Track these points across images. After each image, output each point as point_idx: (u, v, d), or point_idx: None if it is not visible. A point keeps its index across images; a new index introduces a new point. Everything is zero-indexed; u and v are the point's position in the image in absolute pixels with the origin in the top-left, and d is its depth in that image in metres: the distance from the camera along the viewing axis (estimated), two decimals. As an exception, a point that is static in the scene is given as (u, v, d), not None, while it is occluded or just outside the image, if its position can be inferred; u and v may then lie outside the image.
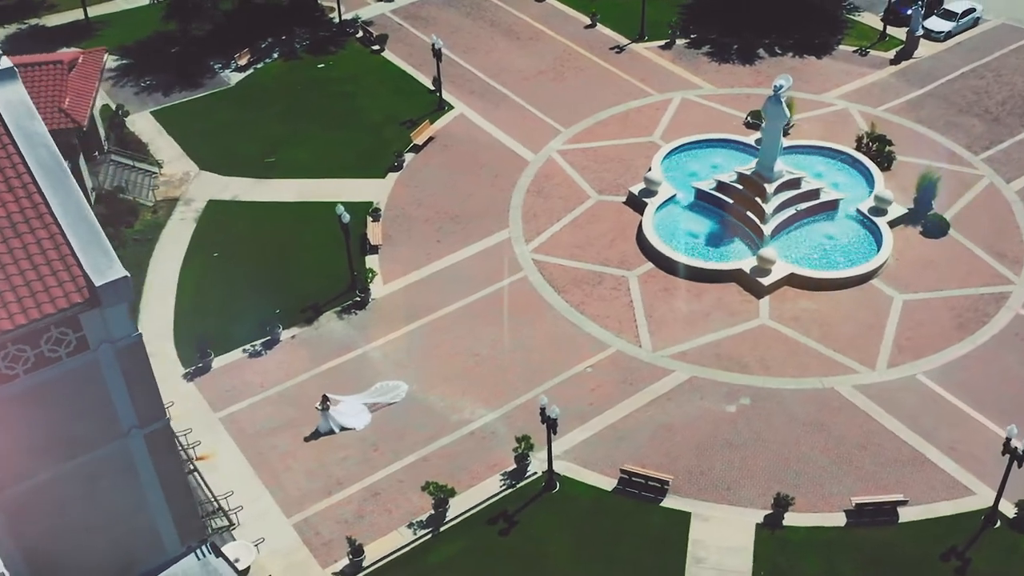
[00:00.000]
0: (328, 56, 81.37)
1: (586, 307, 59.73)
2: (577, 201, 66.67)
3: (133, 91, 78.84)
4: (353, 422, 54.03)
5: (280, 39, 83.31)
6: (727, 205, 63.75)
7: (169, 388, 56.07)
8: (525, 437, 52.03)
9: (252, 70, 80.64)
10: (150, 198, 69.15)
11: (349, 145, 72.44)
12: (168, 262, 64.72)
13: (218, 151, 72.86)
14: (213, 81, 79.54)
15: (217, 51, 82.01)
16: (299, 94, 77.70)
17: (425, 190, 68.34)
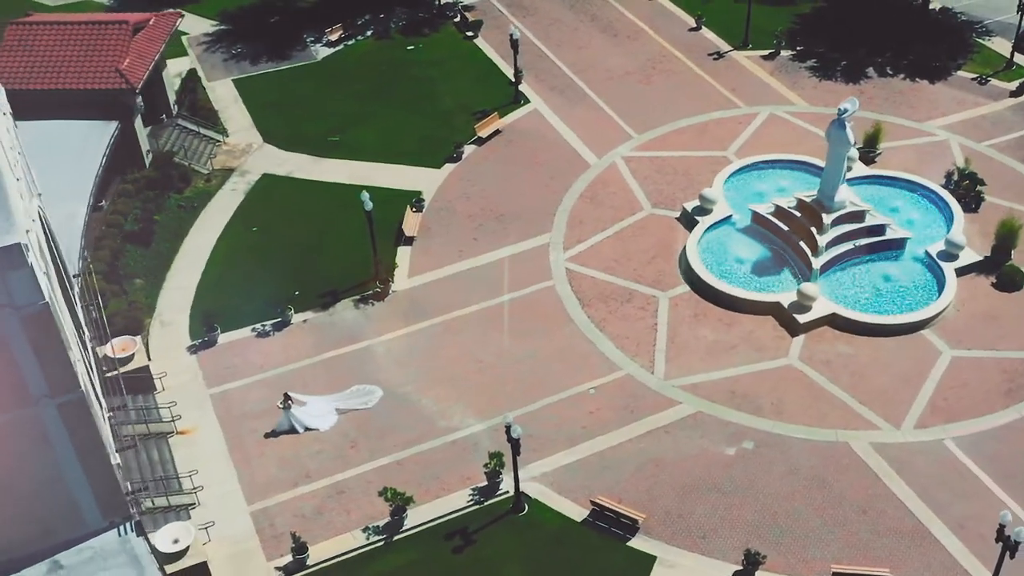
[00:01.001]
0: (420, 38, 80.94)
1: (607, 324, 57.51)
2: (628, 212, 64.31)
3: (223, 57, 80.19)
4: (318, 423, 53.40)
5: (378, 17, 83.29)
6: (781, 232, 60.32)
7: (171, 359, 56.96)
8: (498, 454, 50.43)
9: (342, 46, 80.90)
10: (207, 166, 70.07)
11: (415, 131, 71.83)
12: (207, 232, 65.48)
13: (286, 125, 73.40)
14: (301, 54, 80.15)
15: (313, 24, 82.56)
16: (381, 75, 77.54)
17: (476, 185, 67.15)
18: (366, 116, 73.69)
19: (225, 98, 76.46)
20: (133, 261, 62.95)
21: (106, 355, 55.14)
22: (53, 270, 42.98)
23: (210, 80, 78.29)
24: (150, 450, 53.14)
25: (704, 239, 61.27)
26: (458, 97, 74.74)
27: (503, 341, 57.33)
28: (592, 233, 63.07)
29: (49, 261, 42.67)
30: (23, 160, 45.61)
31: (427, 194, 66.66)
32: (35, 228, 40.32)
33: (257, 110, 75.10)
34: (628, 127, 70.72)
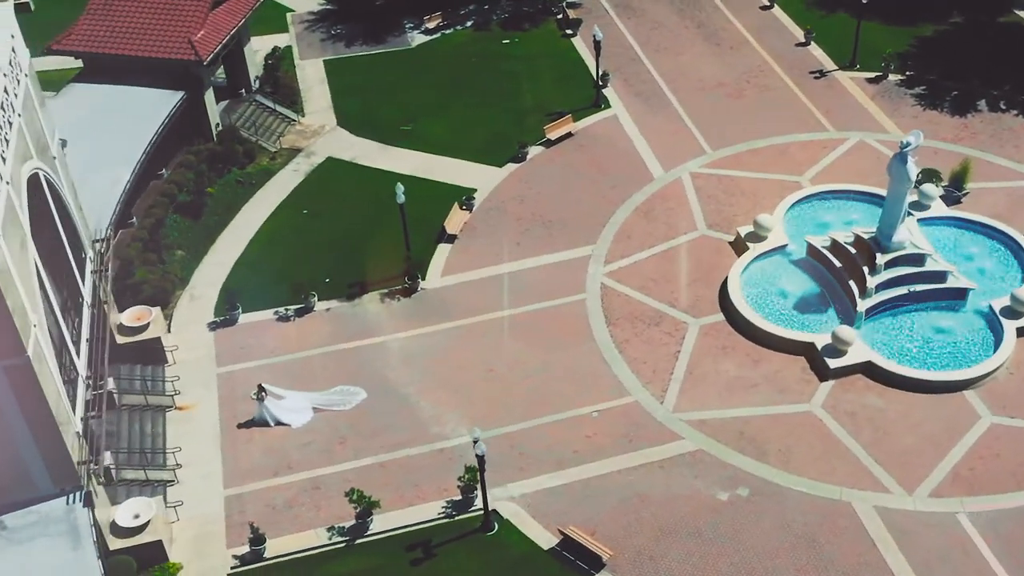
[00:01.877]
0: (518, 33, 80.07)
1: (628, 346, 55.67)
2: (681, 231, 62.11)
3: (321, 37, 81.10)
4: (290, 418, 53.26)
5: (483, 7, 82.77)
6: (834, 268, 57.21)
7: (189, 333, 57.91)
8: (472, 469, 49.31)
9: (439, 34, 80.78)
10: (276, 144, 70.89)
11: (487, 127, 71.15)
12: (259, 209, 66.31)
13: (362, 110, 73.76)
14: (396, 40, 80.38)
15: (415, 10, 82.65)
16: (468, 66, 77.11)
17: (534, 188, 66.02)
18: (443, 107, 73.33)
19: (312, 78, 77.26)
20: (179, 232, 64.12)
21: (120, 323, 56.30)
22: (28, 232, 43.76)
23: (303, 59, 79.24)
24: (144, 422, 54.02)
25: (751, 268, 58.64)
26: (539, 96, 73.63)
27: (519, 351, 56.10)
28: (638, 249, 61.14)
29: (24, 224, 43.47)
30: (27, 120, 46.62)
31: (482, 193, 65.88)
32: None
33: (339, 92, 75.66)
34: (704, 142, 68.29)
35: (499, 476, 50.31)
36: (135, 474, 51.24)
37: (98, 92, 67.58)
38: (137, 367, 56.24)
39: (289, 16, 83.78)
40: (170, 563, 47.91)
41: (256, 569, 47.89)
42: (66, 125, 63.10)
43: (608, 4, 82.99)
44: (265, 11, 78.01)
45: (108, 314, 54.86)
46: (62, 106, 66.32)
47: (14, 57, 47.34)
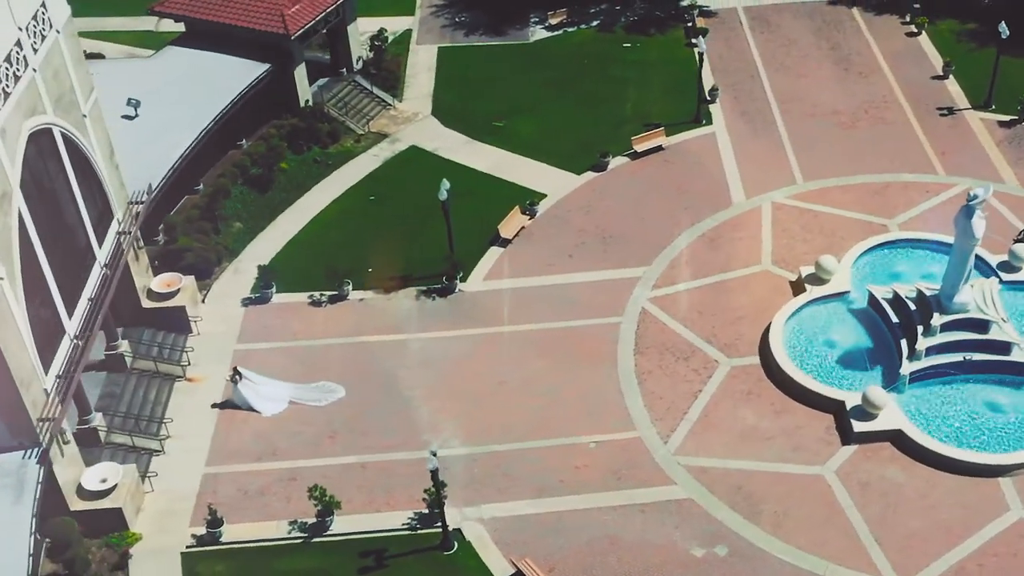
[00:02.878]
0: (642, 37, 78.12)
1: (648, 378, 53.54)
2: (742, 263, 59.28)
3: (443, 23, 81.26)
4: (262, 406, 53.34)
5: (613, 8, 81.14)
6: (890, 323, 53.49)
7: (222, 306, 59.12)
8: (442, 482, 48.25)
9: (561, 31, 79.69)
10: (364, 127, 71.29)
11: (578, 132, 69.76)
12: (328, 191, 66.93)
13: (460, 101, 73.50)
14: (517, 33, 79.72)
15: (543, 5, 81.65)
16: (580, 67, 75.78)
17: (604, 200, 64.31)
18: (540, 106, 72.29)
19: (421, 64, 77.41)
20: (242, 204, 65.26)
21: (150, 288, 57.65)
22: (14, 185, 45.00)
23: (418, 43, 79.53)
24: (149, 388, 55.16)
25: (804, 312, 55.39)
26: (641, 105, 71.66)
27: (537, 368, 54.70)
28: (691, 277, 58.69)
29: (10, 176, 44.73)
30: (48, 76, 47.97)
31: (550, 200, 64.61)
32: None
33: (443, 81, 75.58)
34: (798, 171, 64.95)
35: (476, 495, 49.23)
36: (123, 439, 52.27)
37: (190, 57, 69.40)
38: (159, 333, 57.33)
39: (419, 0, 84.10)
40: (129, 532, 48.74)
41: (210, 551, 48.20)
42: (151, 86, 65.42)
43: (744, 16, 79.99)
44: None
45: (135, 277, 56.21)
46: (152, 67, 68.65)
47: (43, 13, 48.74)
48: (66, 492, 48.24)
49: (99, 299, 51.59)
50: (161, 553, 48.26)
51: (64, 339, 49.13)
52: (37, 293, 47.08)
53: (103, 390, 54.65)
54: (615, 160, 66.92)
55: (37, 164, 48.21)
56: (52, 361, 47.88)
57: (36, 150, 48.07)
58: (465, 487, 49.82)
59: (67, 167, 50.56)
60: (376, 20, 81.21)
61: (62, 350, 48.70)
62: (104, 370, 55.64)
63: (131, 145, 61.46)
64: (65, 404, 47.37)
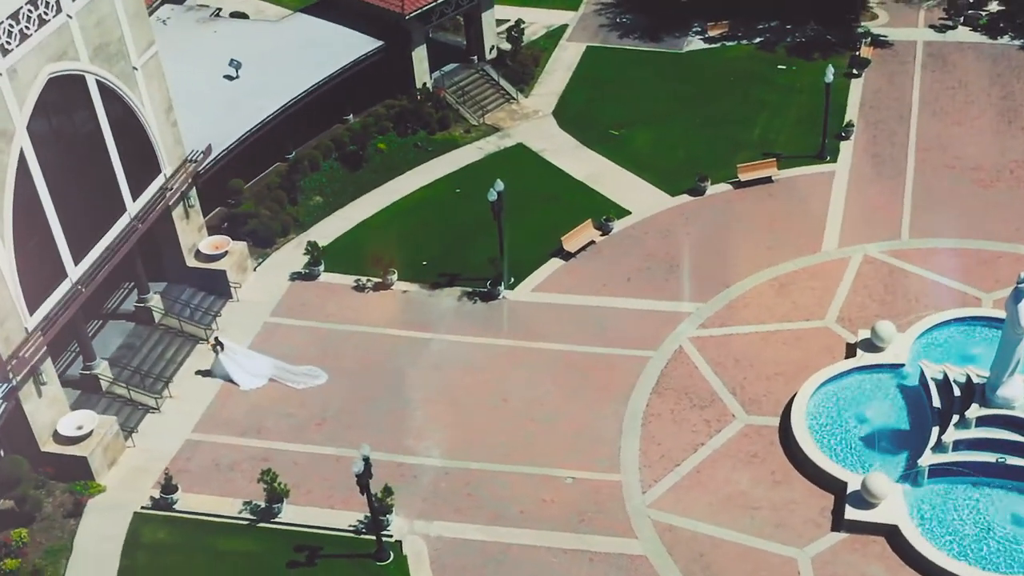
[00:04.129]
0: (801, 61, 74.30)
1: (654, 421, 51.26)
2: (805, 315, 55.74)
3: (601, 22, 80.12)
4: (240, 378, 54.09)
5: (783, 28, 77.65)
6: (932, 406, 49.16)
7: (270, 277, 60.79)
8: (388, 489, 47.86)
9: (719, 44, 76.96)
10: (479, 118, 71.09)
11: (692, 151, 67.44)
12: (419, 177, 67.38)
13: (584, 104, 72.38)
14: (672, 41, 77.56)
15: (710, 13, 79.07)
16: (722, 84, 73.03)
17: (687, 226, 61.85)
18: (665, 119, 70.17)
19: (563, 61, 76.50)
20: (327, 179, 66.29)
21: (199, 248, 59.48)
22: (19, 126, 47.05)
23: (569, 40, 78.56)
24: (169, 346, 56.90)
25: (845, 379, 51.53)
26: (769, 132, 68.35)
27: (545, 391, 53.28)
28: (744, 321, 55.62)
29: (14, 117, 46.93)
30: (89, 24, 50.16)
31: (632, 218, 62.73)
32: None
33: (577, 81, 74.53)
34: (907, 225, 60.37)
35: (432, 510, 48.59)
36: (122, 391, 54.06)
37: (312, 25, 70.98)
38: (198, 294, 59.00)
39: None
40: (93, 483, 50.39)
41: (160, 516, 49.43)
42: (265, 49, 67.32)
43: (922, 51, 74.75)
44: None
45: (181, 234, 58.07)
46: (273, 31, 70.51)
47: (81, -38, 50.67)
48: (39, 433, 50.28)
49: (115, 249, 53.26)
50: (117, 508, 49.72)
51: (64, 283, 50.93)
52: (34, 234, 48.97)
53: (124, 340, 56.71)
54: (716, 186, 64.05)
55: (59, 109, 50.16)
56: (43, 303, 49.70)
57: (61, 95, 50.03)
58: (424, 500, 49.05)
59: (100, 116, 52.34)
60: (536, 12, 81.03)
61: (58, 293, 50.50)
62: (133, 322, 57.54)
63: (221, 105, 63.59)
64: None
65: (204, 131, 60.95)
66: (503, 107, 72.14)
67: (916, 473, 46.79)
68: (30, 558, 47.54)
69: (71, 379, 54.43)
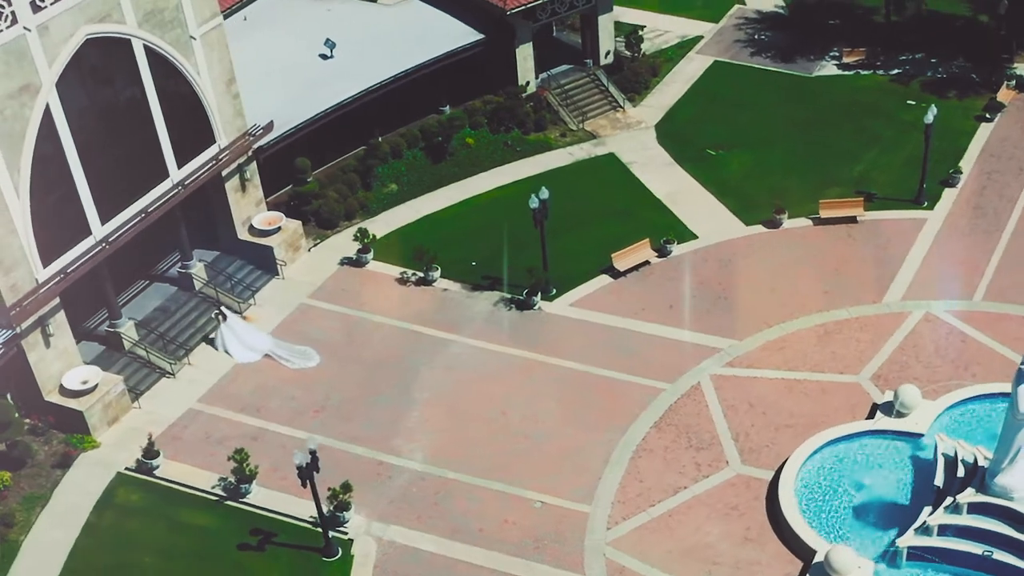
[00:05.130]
0: (934, 98, 69.80)
1: (643, 456, 49.69)
2: (840, 367, 52.81)
3: (737, 36, 77.88)
4: (235, 350, 55.14)
5: (927, 60, 73.55)
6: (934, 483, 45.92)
7: (320, 259, 61.90)
8: (347, 485, 47.90)
9: (852, 72, 73.42)
10: (578, 123, 70.22)
11: (785, 180, 64.66)
12: (498, 177, 67.20)
13: (692, 119, 70.60)
14: (804, 64, 74.53)
15: (852, 39, 75.64)
16: (842, 114, 69.62)
17: (749, 258, 59.53)
18: (769, 144, 67.54)
19: (684, 73, 74.73)
20: (407, 168, 66.74)
21: (252, 223, 60.86)
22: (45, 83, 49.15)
23: (699, 52, 76.63)
24: (202, 315, 58.29)
25: (857, 440, 48.58)
26: (873, 170, 64.86)
27: (547, 410, 52.33)
28: (775, 365, 53.13)
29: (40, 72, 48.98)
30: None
31: (697, 243, 60.82)
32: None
33: (692, 95, 72.74)
34: (985, 287, 56.23)
35: (394, 513, 48.52)
36: (142, 352, 55.81)
37: (422, 12, 71.32)
38: (245, 267, 60.31)
39: (734, 8, 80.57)
40: (89, 438, 52.23)
41: (139, 479, 50.77)
42: (370, 32, 68.33)
43: (1078, 103, 69.40)
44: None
45: (233, 206, 59.51)
46: (384, 14, 71.18)
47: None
48: (43, 382, 52.27)
49: (149, 212, 54.88)
50: (104, 466, 51.33)
51: (87, 240, 52.81)
52: (57, 189, 50.92)
53: (161, 304, 58.43)
54: (795, 220, 61.22)
55: (98, 70, 52.00)
56: (60, 256, 51.64)
57: (102, 56, 51.85)
58: (391, 502, 48.88)
59: (145, 81, 53.97)
60: (675, 21, 79.77)
61: (78, 249, 52.37)
62: (176, 287, 59.26)
63: (306, 83, 64.76)
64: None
65: (281, 107, 62.27)
66: (607, 114, 70.85)
67: (894, 553, 43.54)
68: (8, 502, 49.43)
69: (98, 335, 56.28)
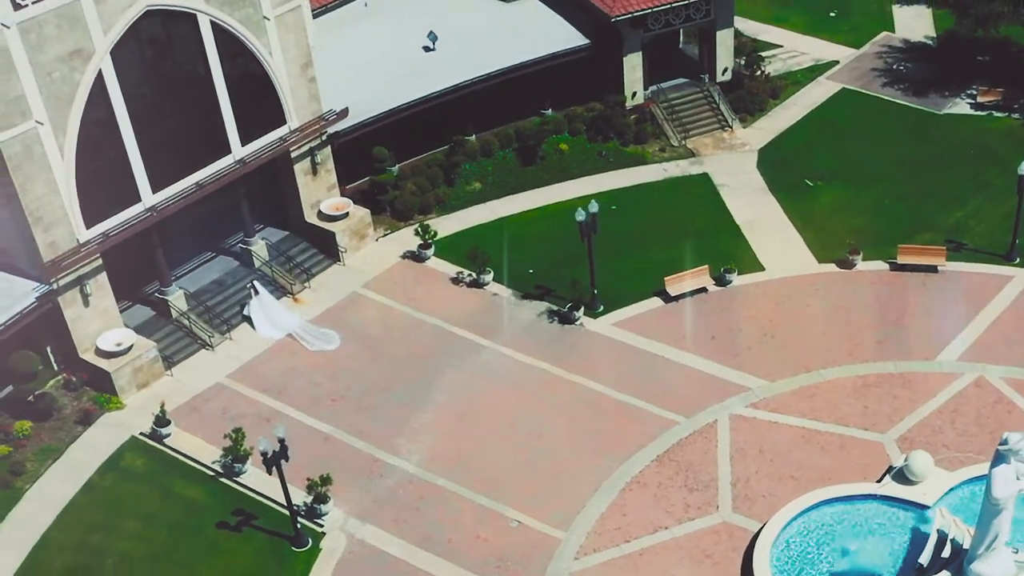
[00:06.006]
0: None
1: (635, 489, 48.15)
2: (865, 424, 49.81)
3: (876, 65, 74.02)
4: (260, 325, 56.56)
5: (1079, 107, 68.62)
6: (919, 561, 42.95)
7: (384, 249, 62.40)
8: (326, 478, 47.99)
9: (985, 113, 68.94)
10: (679, 140, 68.44)
11: (875, 220, 61.22)
12: (584, 185, 65.72)
13: (799, 146, 67.71)
14: (935, 99, 70.17)
15: (994, 79, 71.06)
16: (956, 155, 65.35)
17: (810, 298, 56.79)
18: (870, 179, 64.02)
19: (806, 97, 71.56)
20: (494, 168, 66.39)
21: (320, 208, 61.56)
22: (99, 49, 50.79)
23: (829, 77, 73.45)
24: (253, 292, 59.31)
25: (857, 504, 45.77)
26: (971, 219, 60.69)
27: (556, 428, 51.28)
28: (799, 412, 50.60)
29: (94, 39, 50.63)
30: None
31: (761, 276, 58.39)
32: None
33: (807, 121, 69.69)
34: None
35: (373, 513, 48.67)
36: (186, 321, 57.13)
37: (538, 11, 70.55)
38: (309, 250, 61.10)
39: (881, 35, 76.86)
40: (115, 399, 53.91)
41: (148, 445, 52.28)
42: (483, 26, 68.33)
43: None
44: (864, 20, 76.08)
45: (302, 188, 60.39)
46: (500, 9, 70.65)
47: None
48: (79, 340, 54.21)
49: (204, 186, 56.06)
50: (121, 428, 52.97)
51: (137, 206, 54.34)
52: (106, 154, 52.55)
53: (219, 277, 59.66)
54: (872, 263, 57.98)
55: (159, 41, 53.34)
56: (105, 220, 53.30)
57: (163, 28, 53.24)
58: (375, 501, 48.84)
59: (210, 56, 55.02)
60: (814, 43, 76.56)
61: (125, 214, 53.93)
62: (238, 263, 60.43)
63: (402, 73, 65.02)
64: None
65: (371, 95, 62.83)
66: (712, 133, 68.63)
67: (860, 632, 40.80)
68: (24, 451, 51.43)
69: (150, 300, 57.85)
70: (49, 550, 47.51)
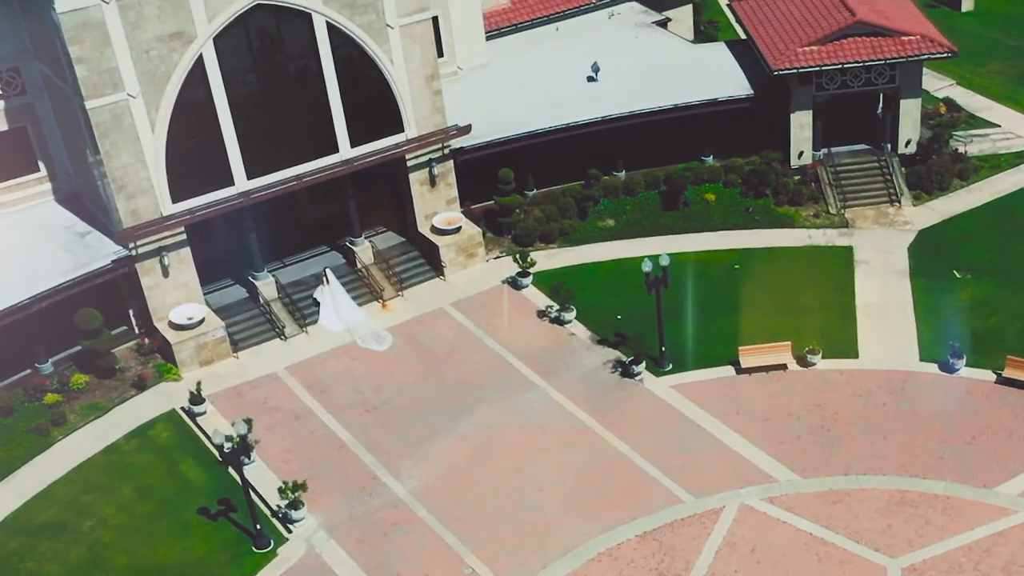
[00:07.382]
0: None
1: (604, 563, 44.65)
2: (878, 545, 43.88)
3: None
4: (323, 313, 57.14)
5: None
6: None
7: (488, 273, 61.26)
8: (300, 485, 47.04)
9: None
10: (840, 207, 63.03)
11: (1008, 323, 54.28)
12: (720, 240, 61.80)
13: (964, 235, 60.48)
14: None
15: None
16: None
17: (891, 397, 50.76)
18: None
19: (999, 184, 63.65)
20: (632, 207, 63.71)
21: (433, 223, 60.75)
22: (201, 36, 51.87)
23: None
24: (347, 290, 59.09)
25: (822, 629, 40.41)
26: None
27: (562, 480, 48.32)
28: (815, 518, 45.32)
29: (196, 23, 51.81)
30: None
31: (851, 364, 52.75)
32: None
33: (988, 210, 62.17)
34: None
35: (344, 530, 47.44)
36: (270, 308, 57.57)
37: (717, 56, 67.34)
38: (416, 260, 60.48)
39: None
40: (175, 369, 55.17)
41: (181, 420, 52.99)
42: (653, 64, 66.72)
43: None
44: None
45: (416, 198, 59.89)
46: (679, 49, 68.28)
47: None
48: (154, 308, 55.72)
49: (302, 180, 56.30)
50: (169, 399, 54.15)
51: (228, 190, 55.21)
52: (200, 135, 53.69)
53: (316, 272, 59.44)
54: (977, 370, 51.25)
55: (268, 35, 54.00)
56: (193, 197, 54.42)
57: (275, 22, 53.90)
58: (351, 518, 47.80)
59: (324, 56, 55.08)
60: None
61: (215, 195, 54.89)
62: (344, 261, 60.46)
63: (556, 100, 63.47)
64: (166, 229, 54.04)
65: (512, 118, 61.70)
66: (878, 206, 62.63)
67: None
68: (73, 404, 53.38)
69: (248, 283, 58.68)
70: (45, 501, 48.99)
